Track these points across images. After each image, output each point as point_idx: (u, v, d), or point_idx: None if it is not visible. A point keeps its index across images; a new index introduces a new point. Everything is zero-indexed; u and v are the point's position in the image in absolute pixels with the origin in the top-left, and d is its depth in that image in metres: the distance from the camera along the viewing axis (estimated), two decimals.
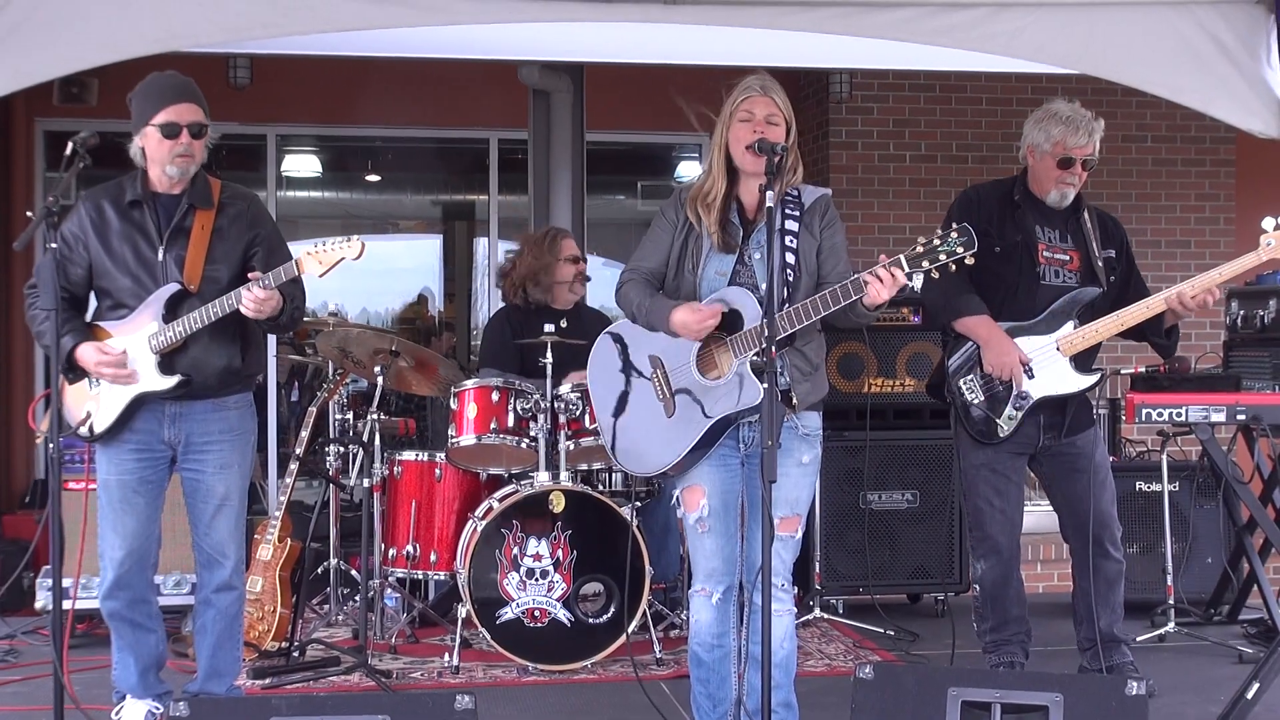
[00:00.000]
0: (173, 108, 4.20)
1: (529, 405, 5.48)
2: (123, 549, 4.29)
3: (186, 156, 4.23)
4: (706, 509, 3.95)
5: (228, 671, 4.48)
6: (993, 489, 4.85)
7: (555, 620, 5.34)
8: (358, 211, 10.72)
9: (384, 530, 5.85)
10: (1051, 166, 4.81)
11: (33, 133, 8.26)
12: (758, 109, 3.90)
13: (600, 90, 7.56)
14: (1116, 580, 4.92)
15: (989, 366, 4.76)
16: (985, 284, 4.77)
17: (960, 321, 4.82)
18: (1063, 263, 4.85)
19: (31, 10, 4.59)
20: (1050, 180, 4.83)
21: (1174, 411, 5.36)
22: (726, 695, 4.04)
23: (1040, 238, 4.83)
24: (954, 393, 4.85)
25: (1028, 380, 4.73)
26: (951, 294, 4.73)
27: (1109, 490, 4.92)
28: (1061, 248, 4.86)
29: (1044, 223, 4.86)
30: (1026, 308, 4.79)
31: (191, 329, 4.20)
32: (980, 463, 4.86)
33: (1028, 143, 4.88)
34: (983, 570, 4.93)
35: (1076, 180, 4.84)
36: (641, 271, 4.05)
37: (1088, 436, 4.90)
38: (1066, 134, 4.77)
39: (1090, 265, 4.84)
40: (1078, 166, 4.80)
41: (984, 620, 4.99)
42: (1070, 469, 4.88)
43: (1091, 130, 4.80)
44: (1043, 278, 4.82)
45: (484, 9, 4.95)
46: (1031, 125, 4.88)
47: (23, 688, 5.14)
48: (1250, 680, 4.11)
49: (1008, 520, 4.87)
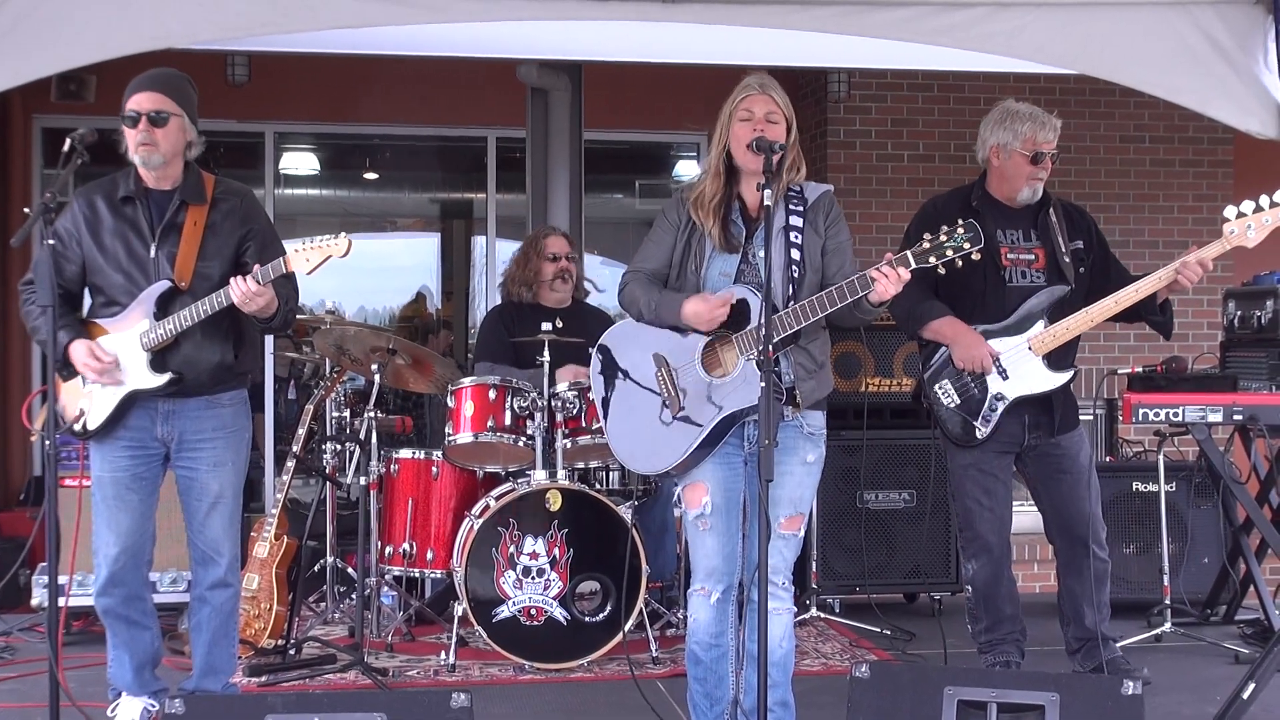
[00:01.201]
0: (135, 97, 4.20)
1: (526, 403, 5.47)
2: (117, 546, 4.29)
3: (148, 145, 4.19)
4: (709, 506, 3.95)
5: (223, 669, 4.47)
6: (981, 489, 4.86)
7: (552, 619, 5.33)
8: (356, 209, 10.70)
9: (381, 528, 5.85)
10: (1023, 164, 4.82)
11: (30, 129, 8.25)
12: (757, 107, 3.90)
13: (598, 89, 7.55)
14: (1103, 579, 4.93)
15: (959, 361, 4.76)
16: (952, 294, 4.79)
17: (926, 327, 4.84)
18: (1028, 262, 4.85)
19: (30, 7, 4.58)
20: (1021, 178, 4.84)
21: (1171, 411, 5.37)
22: (724, 694, 4.04)
23: (1002, 241, 4.84)
24: (930, 398, 4.86)
25: (1002, 381, 4.75)
26: (914, 303, 4.75)
27: (1094, 491, 4.92)
28: (1025, 247, 4.87)
29: (1005, 224, 4.87)
30: (996, 312, 4.80)
31: (183, 326, 4.19)
32: (967, 463, 4.87)
33: (991, 144, 4.89)
34: (974, 570, 4.94)
35: (1045, 175, 4.87)
36: (644, 272, 4.05)
37: (1074, 437, 4.91)
38: (1035, 130, 4.80)
39: (1057, 261, 4.85)
40: (1047, 161, 4.83)
41: (978, 621, 5.00)
42: (1055, 470, 4.89)
43: (1055, 125, 4.85)
44: (1009, 280, 4.82)
45: (482, 7, 4.95)
46: (994, 127, 4.88)
47: (19, 685, 5.14)
48: (1246, 680, 4.10)
49: (997, 519, 4.88)
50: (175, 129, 4.23)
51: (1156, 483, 6.11)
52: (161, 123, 4.20)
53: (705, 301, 3.86)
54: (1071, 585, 4.94)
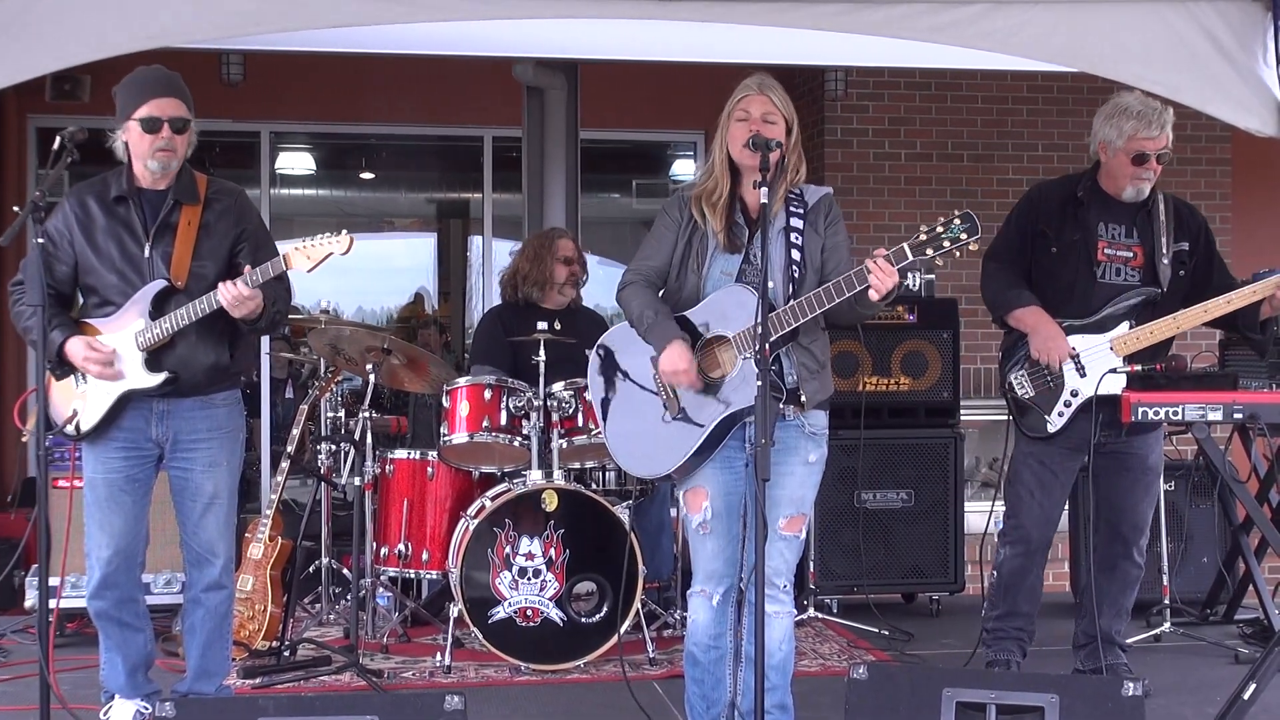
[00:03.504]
0: (154, 102, 4.17)
1: (521, 403, 5.45)
2: (110, 548, 4.26)
3: (168, 151, 4.19)
4: (709, 511, 3.93)
5: (217, 671, 4.45)
6: (1037, 480, 4.82)
7: (548, 620, 5.31)
8: (352, 209, 10.68)
9: (376, 529, 5.83)
10: (1126, 163, 4.76)
11: (25, 129, 8.23)
12: (754, 108, 3.88)
13: (595, 88, 7.53)
14: (1132, 585, 4.90)
15: (1034, 352, 4.73)
16: (1041, 284, 4.77)
17: (1012, 314, 4.81)
18: (1125, 260, 4.80)
19: (24, 6, 4.56)
20: (1125, 177, 4.78)
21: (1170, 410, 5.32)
22: (721, 696, 4.02)
23: (1102, 235, 4.78)
24: (1007, 385, 4.84)
25: (1079, 378, 4.70)
26: (1003, 289, 4.75)
27: (1151, 495, 4.89)
28: (1125, 244, 4.80)
29: (1109, 218, 4.81)
30: (1082, 307, 4.75)
31: (178, 326, 4.17)
32: (1029, 452, 4.84)
33: (1099, 139, 4.82)
34: (1005, 557, 4.90)
35: (1152, 175, 4.79)
36: (644, 272, 4.02)
37: (1149, 439, 4.86)
38: (1139, 128, 4.73)
39: (1154, 262, 4.78)
40: (1153, 161, 4.76)
41: (994, 607, 4.96)
42: (1121, 466, 4.84)
43: (1164, 122, 4.76)
44: (1101, 276, 4.77)
45: (478, 5, 4.92)
46: (1102, 121, 4.82)
47: (10, 687, 5.12)
48: (1247, 680, 4.08)
49: (1044, 515, 4.84)
50: (190, 134, 4.24)
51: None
52: (182, 130, 4.20)
53: (684, 367, 3.81)
54: (1101, 582, 4.87)
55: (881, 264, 3.69)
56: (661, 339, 3.87)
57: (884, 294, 3.73)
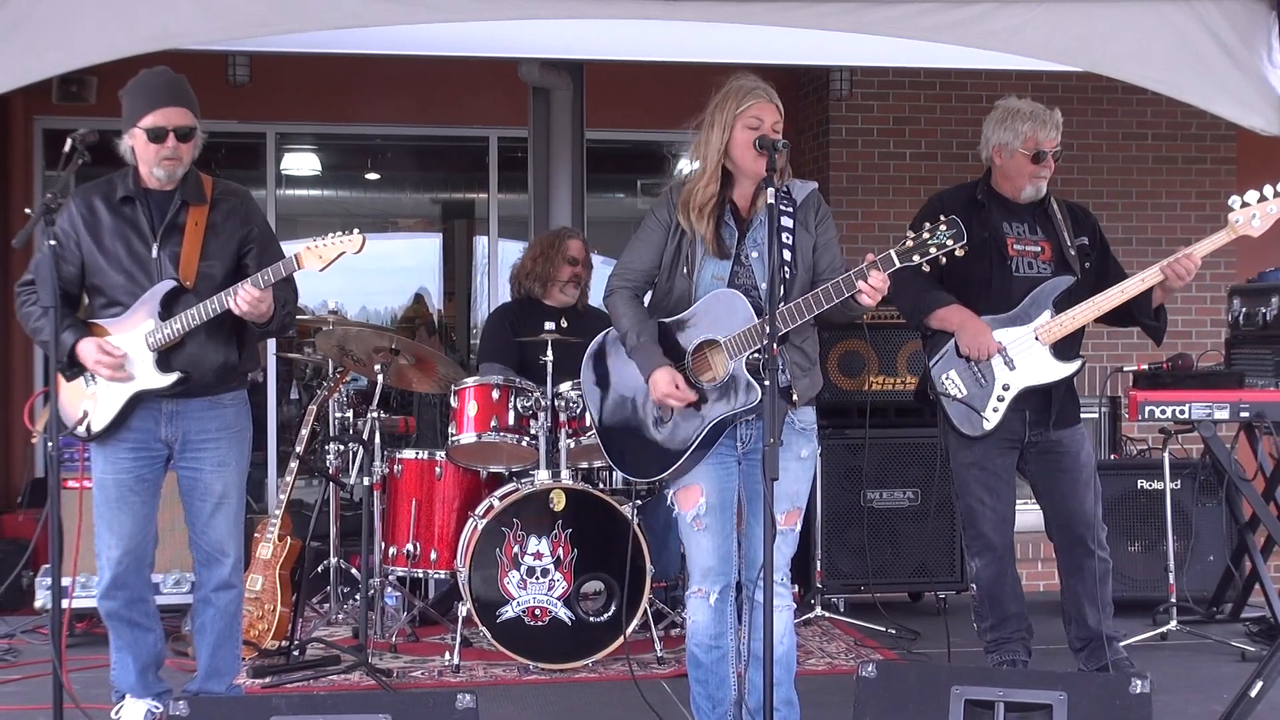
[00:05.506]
0: (160, 111, 4.17)
1: (529, 403, 5.47)
2: (119, 548, 4.28)
3: (173, 160, 4.20)
4: (703, 506, 3.94)
5: (227, 670, 4.46)
6: (984, 487, 4.84)
7: (556, 619, 5.32)
8: (357, 210, 10.69)
9: (384, 529, 5.83)
10: (1025, 163, 4.83)
11: (31, 131, 8.25)
12: (767, 116, 3.88)
13: (600, 88, 7.54)
14: (1105, 578, 4.91)
15: (964, 349, 4.75)
16: (958, 284, 4.78)
17: (933, 316, 4.82)
18: (1035, 254, 4.86)
19: (30, 8, 4.57)
20: (1024, 176, 4.85)
21: (1177, 409, 5.35)
22: (725, 696, 4.04)
23: (1008, 232, 4.85)
24: (937, 389, 4.84)
25: (1009, 371, 4.73)
26: (921, 292, 4.76)
27: (1093, 489, 4.90)
28: (1031, 239, 4.87)
29: (1010, 218, 4.88)
30: (1002, 301, 4.78)
31: (189, 326, 4.18)
32: (970, 461, 4.85)
33: (993, 143, 4.90)
34: (978, 568, 4.93)
35: (1048, 173, 4.88)
36: (630, 277, 4.03)
37: (1074, 434, 4.89)
38: (1035, 129, 4.82)
39: (1063, 254, 4.85)
40: (1049, 159, 4.84)
41: (983, 619, 4.98)
42: (1056, 468, 4.88)
43: (1057, 122, 4.87)
44: (1015, 270, 4.82)
45: (484, 6, 4.93)
46: (995, 126, 4.90)
47: (22, 687, 5.13)
48: (1254, 679, 4.09)
49: (999, 518, 4.86)
50: (196, 141, 4.25)
51: (1161, 480, 6.09)
52: (187, 138, 4.21)
53: (672, 391, 3.83)
54: (1073, 584, 4.92)
55: (874, 282, 3.73)
56: (646, 365, 3.90)
57: (876, 302, 3.79)
